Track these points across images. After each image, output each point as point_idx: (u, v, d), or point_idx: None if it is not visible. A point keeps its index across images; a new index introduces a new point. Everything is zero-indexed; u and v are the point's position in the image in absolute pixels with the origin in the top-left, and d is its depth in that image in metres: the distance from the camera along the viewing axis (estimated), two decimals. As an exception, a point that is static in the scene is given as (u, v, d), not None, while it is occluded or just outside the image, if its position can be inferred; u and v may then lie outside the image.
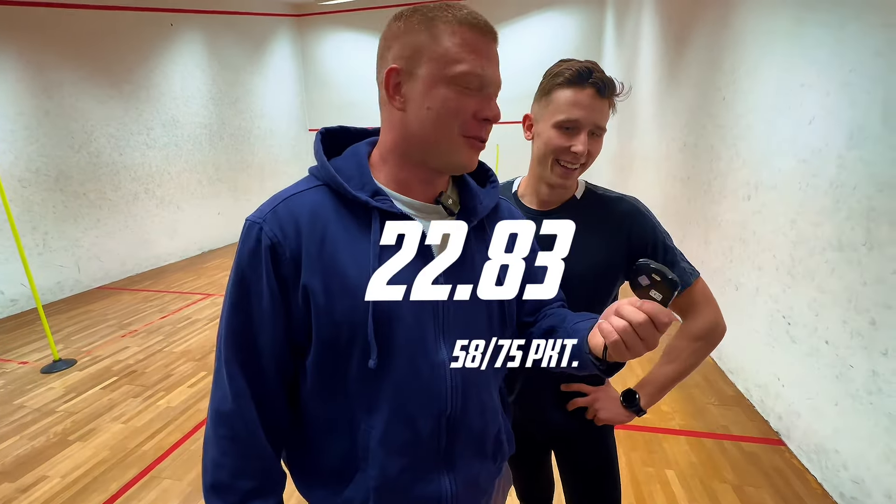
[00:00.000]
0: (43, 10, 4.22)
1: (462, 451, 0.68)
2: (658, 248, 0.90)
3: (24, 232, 4.07)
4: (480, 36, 0.59)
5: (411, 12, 0.60)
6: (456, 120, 0.60)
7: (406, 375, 0.63)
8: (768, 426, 2.18)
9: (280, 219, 0.61)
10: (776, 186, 2.14)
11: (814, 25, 1.89)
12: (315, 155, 0.67)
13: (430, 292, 0.61)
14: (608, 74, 0.84)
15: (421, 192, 0.66)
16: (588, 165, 0.89)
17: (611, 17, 5.93)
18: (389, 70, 0.59)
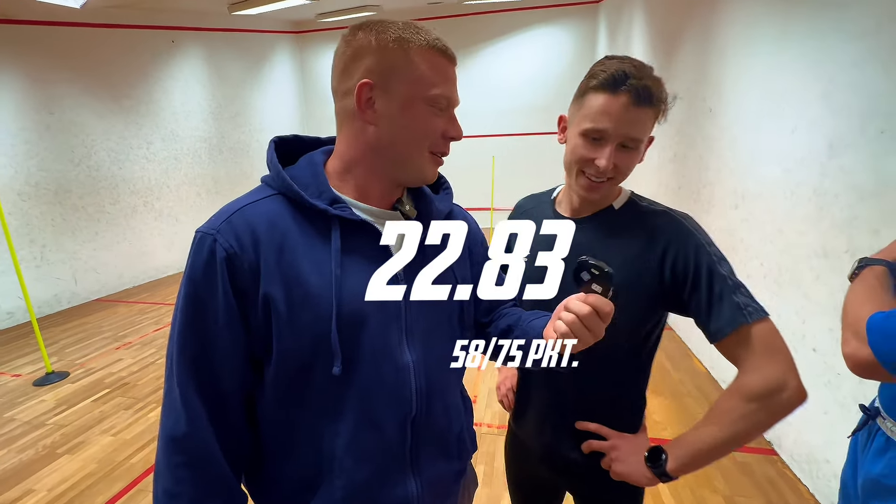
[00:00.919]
0: (46, 28, 4.32)
1: (428, 452, 0.69)
2: (701, 274, 0.72)
3: (22, 245, 4.10)
4: (448, 61, 0.64)
5: (383, 28, 0.61)
6: (428, 138, 0.64)
7: (372, 380, 0.63)
8: (764, 439, 2.16)
9: (235, 229, 0.59)
10: (762, 195, 2.16)
11: (794, 37, 1.93)
12: (268, 164, 0.66)
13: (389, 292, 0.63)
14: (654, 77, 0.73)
15: (379, 200, 0.68)
16: (619, 180, 0.79)
17: (603, 32, 6.03)
18: (362, 85, 0.60)
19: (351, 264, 0.62)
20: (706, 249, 0.75)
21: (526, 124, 7.00)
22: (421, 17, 6.85)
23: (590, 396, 0.85)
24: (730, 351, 0.72)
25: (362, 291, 0.62)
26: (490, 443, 2.22)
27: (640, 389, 0.88)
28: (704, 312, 0.72)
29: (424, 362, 0.68)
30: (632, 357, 0.83)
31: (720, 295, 0.71)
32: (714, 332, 0.71)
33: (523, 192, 1.03)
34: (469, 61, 6.98)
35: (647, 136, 0.76)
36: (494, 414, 2.45)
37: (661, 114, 0.76)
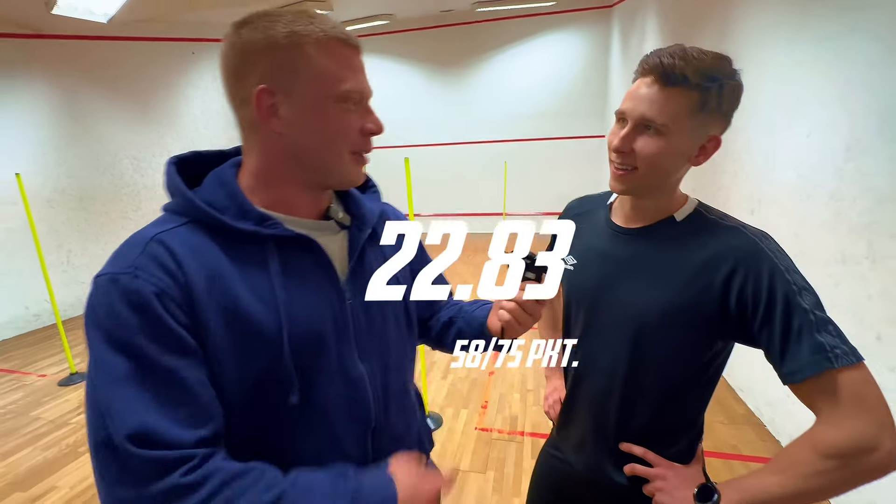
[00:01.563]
0: (75, 42, 4.51)
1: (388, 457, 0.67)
2: (775, 305, 0.61)
3: (49, 250, 4.26)
4: (352, 50, 0.58)
5: (270, 23, 0.54)
6: (345, 139, 0.58)
7: (329, 399, 0.60)
8: (780, 446, 2.10)
9: (157, 259, 0.51)
10: (778, 200, 2.13)
11: (810, 39, 1.90)
12: (170, 189, 0.58)
13: (337, 307, 0.61)
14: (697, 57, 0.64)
15: (307, 211, 0.63)
16: (646, 172, 0.69)
17: (616, 36, 6.01)
18: (260, 91, 0.54)
19: (294, 285, 0.57)
20: (785, 276, 0.63)
21: (538, 129, 6.99)
22: (434, 24, 6.93)
23: (638, 419, 0.78)
24: (807, 396, 0.62)
25: (312, 312, 0.58)
26: (500, 449, 2.21)
27: (697, 417, 0.79)
28: (778, 350, 0.62)
29: (379, 370, 0.66)
30: (689, 384, 0.75)
31: (799, 332, 0.60)
32: (789, 374, 0.61)
33: (536, 198, 1.04)
34: (481, 67, 7.02)
35: (672, 118, 0.65)
36: (505, 420, 2.44)
37: (708, 98, 0.64)
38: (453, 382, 2.87)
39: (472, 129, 7.27)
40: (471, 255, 5.98)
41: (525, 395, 2.68)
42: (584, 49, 6.65)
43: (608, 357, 0.79)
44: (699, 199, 0.78)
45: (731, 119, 0.70)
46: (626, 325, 0.75)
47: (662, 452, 0.78)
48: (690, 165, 0.72)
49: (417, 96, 7.34)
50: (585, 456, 0.87)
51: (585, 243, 0.85)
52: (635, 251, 0.76)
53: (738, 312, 0.66)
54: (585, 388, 0.85)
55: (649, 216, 0.76)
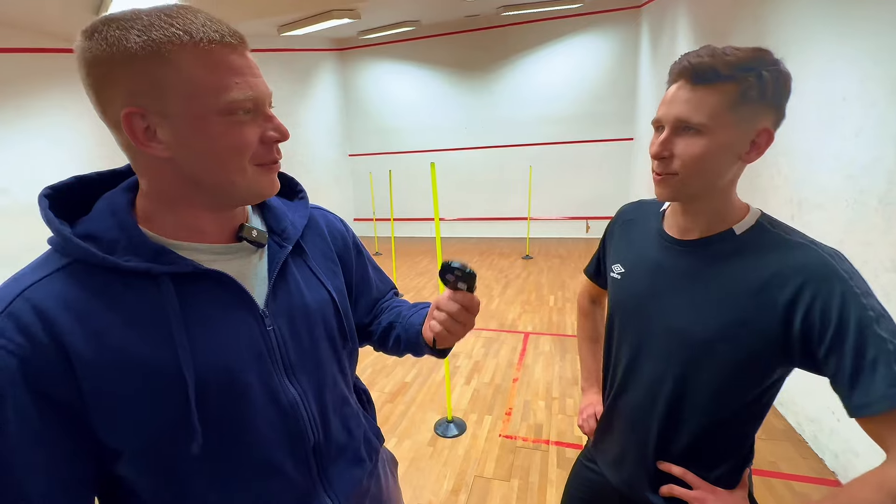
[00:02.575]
0: (119, 56, 4.78)
1: (337, 468, 0.66)
2: (847, 330, 0.57)
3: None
4: (230, 50, 0.48)
5: (121, 31, 0.45)
6: (243, 154, 0.51)
7: (261, 430, 0.56)
8: (823, 465, 1.98)
9: (19, 322, 0.45)
10: (822, 205, 2.02)
11: (855, 33, 1.80)
12: (48, 225, 0.49)
13: (257, 340, 0.56)
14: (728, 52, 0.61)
15: (217, 234, 0.56)
16: (688, 176, 0.65)
17: (646, 35, 5.88)
18: (127, 115, 0.46)
19: (199, 321, 0.52)
20: (860, 300, 0.57)
21: (565, 133, 6.91)
22: (459, 29, 6.97)
23: (681, 438, 0.75)
24: (878, 432, 0.57)
25: (224, 348, 0.53)
26: (525, 457, 2.18)
27: (745, 441, 0.74)
28: (847, 379, 0.57)
29: (312, 389, 0.62)
30: (740, 409, 0.70)
31: (874, 361, 0.55)
32: (859, 407, 0.57)
33: (561, 201, 1.01)
34: (507, 71, 7.00)
35: (710, 115, 0.62)
36: (530, 428, 2.41)
37: (748, 88, 0.60)
38: (477, 388, 2.85)
39: (498, 134, 7.25)
40: (495, 260, 5.97)
41: (550, 403, 2.63)
42: (612, 50, 6.53)
43: (654, 373, 0.76)
44: (762, 211, 0.72)
45: (784, 110, 0.65)
46: (676, 343, 0.72)
47: (704, 474, 0.74)
48: (742, 164, 0.67)
49: (443, 101, 7.39)
50: (622, 472, 0.84)
51: (636, 252, 0.81)
52: (689, 265, 0.72)
53: (803, 336, 0.61)
54: (627, 402, 0.82)
55: (705, 227, 0.71)
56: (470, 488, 1.99)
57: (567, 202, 6.98)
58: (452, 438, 2.34)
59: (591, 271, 1.02)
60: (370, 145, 7.91)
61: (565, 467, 2.06)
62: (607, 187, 6.62)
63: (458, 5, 5.84)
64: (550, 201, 6.97)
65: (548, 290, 4.71)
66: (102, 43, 0.45)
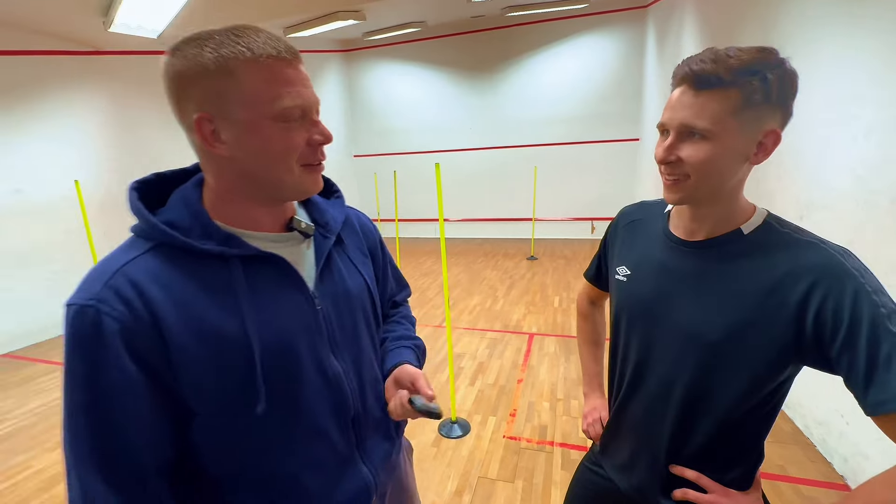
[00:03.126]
0: (128, 57, 4.82)
1: (372, 440, 0.75)
2: (860, 328, 0.56)
3: (101, 251, 4.53)
4: (285, 64, 0.56)
5: (197, 49, 0.53)
6: (290, 155, 0.58)
7: (311, 396, 0.64)
8: (832, 469, 1.96)
9: (120, 293, 0.53)
10: (830, 205, 1.99)
11: (864, 33, 1.78)
12: (134, 213, 0.59)
13: (308, 316, 0.64)
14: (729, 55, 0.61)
15: (271, 224, 0.65)
16: (698, 179, 0.65)
17: (651, 36, 5.85)
18: (198, 119, 0.55)
19: (262, 298, 0.60)
20: (871, 297, 0.57)
21: (570, 133, 6.89)
22: (464, 30, 6.97)
23: (693, 442, 0.74)
24: (895, 430, 0.56)
25: (281, 322, 0.61)
26: (529, 458, 2.17)
27: (757, 443, 0.74)
28: (862, 378, 0.57)
29: (353, 365, 0.71)
30: (753, 409, 0.70)
31: (888, 358, 0.55)
32: (875, 405, 0.56)
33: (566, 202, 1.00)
34: (513, 72, 7.00)
35: (714, 121, 0.61)
36: (534, 429, 2.40)
37: (751, 92, 0.60)
38: (481, 389, 2.85)
39: (503, 134, 7.25)
40: (500, 260, 5.97)
41: (555, 405, 2.62)
42: (618, 51, 6.51)
43: (663, 376, 0.75)
44: (769, 210, 0.71)
45: (792, 108, 0.64)
46: (685, 346, 0.71)
47: (718, 477, 0.73)
48: (750, 166, 0.67)
49: (448, 102, 7.40)
50: (632, 478, 0.83)
51: (641, 254, 0.80)
52: (697, 266, 0.71)
53: (815, 335, 0.60)
54: (636, 406, 0.81)
55: (712, 227, 0.70)
56: (474, 489, 1.98)
57: (572, 203, 6.96)
58: (456, 439, 2.34)
59: (592, 274, 1.01)
60: (375, 146, 7.93)
61: (570, 469, 2.05)
62: (612, 188, 6.59)
63: (463, 6, 5.84)
64: (555, 202, 6.95)
65: (552, 290, 4.69)
66: (182, 59, 0.54)
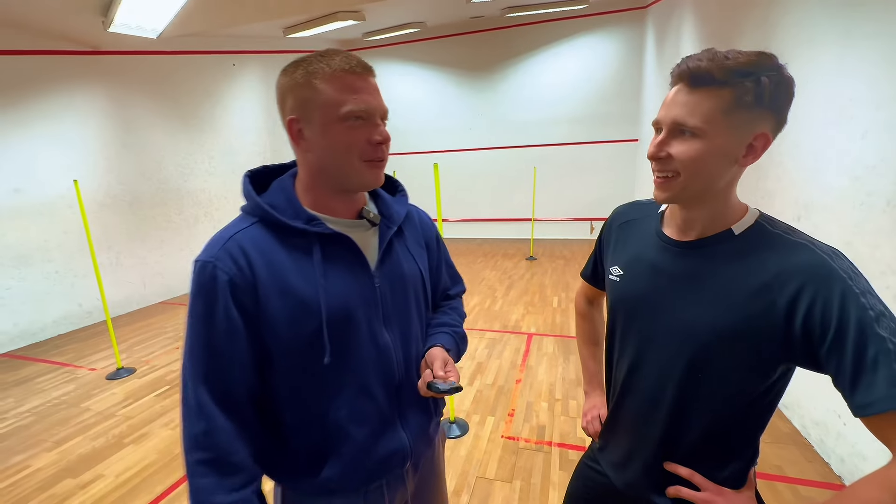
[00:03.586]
0: (127, 57, 4.82)
1: (412, 410, 0.85)
2: (847, 330, 0.57)
3: (100, 251, 4.54)
4: (355, 76, 0.70)
5: (294, 68, 0.71)
6: (353, 151, 0.71)
7: (362, 359, 0.76)
8: (829, 469, 1.96)
9: (231, 255, 0.69)
10: (829, 206, 2.00)
11: (861, 36, 1.79)
12: (245, 195, 0.76)
13: (367, 290, 0.77)
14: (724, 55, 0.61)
15: (344, 211, 0.78)
16: (688, 178, 0.65)
17: (651, 37, 5.86)
18: (290, 121, 0.71)
19: (332, 271, 0.73)
20: (859, 300, 0.57)
21: (570, 134, 6.90)
22: (464, 31, 6.98)
23: (687, 439, 0.75)
24: (881, 431, 0.57)
25: (345, 293, 0.74)
26: (527, 458, 2.17)
27: (752, 441, 0.75)
28: (849, 379, 0.57)
29: (401, 340, 0.82)
30: (745, 408, 0.71)
31: (874, 360, 0.55)
32: (861, 406, 0.57)
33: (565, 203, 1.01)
34: (512, 72, 7.01)
35: (705, 119, 0.62)
36: (532, 429, 2.40)
37: (743, 93, 0.60)
38: (480, 389, 2.85)
39: (502, 134, 7.25)
40: (499, 261, 5.95)
41: (553, 405, 2.63)
42: (617, 51, 6.52)
43: (657, 376, 0.76)
44: (761, 211, 0.72)
45: (785, 115, 0.64)
46: (678, 345, 0.72)
47: (711, 475, 0.73)
48: (740, 168, 0.67)
49: (448, 102, 7.40)
50: (626, 474, 0.83)
51: (634, 253, 0.81)
52: (689, 266, 0.72)
53: (804, 336, 0.61)
54: (631, 403, 0.82)
55: (704, 228, 0.71)
56: (472, 489, 1.98)
57: (571, 203, 6.97)
58: (455, 439, 2.34)
59: (588, 273, 1.02)
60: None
61: (568, 469, 2.06)
62: (612, 188, 6.60)
63: (462, 7, 5.84)
64: (554, 202, 6.96)
65: (551, 291, 4.70)
66: (284, 76, 0.72)
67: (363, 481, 0.80)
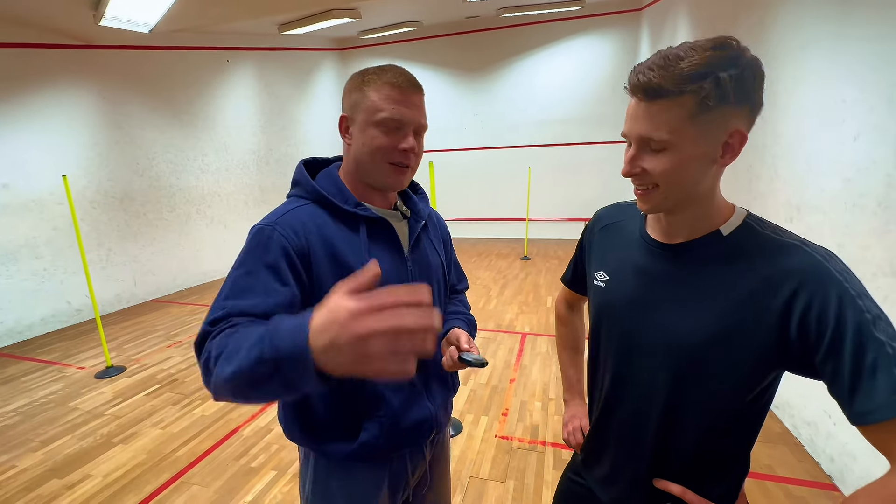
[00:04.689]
0: (118, 52, 4.76)
1: (435, 383, 0.94)
2: (845, 334, 0.55)
3: (90, 248, 4.48)
4: (399, 90, 0.80)
5: (358, 75, 0.82)
6: (381, 152, 0.80)
7: None
8: (819, 469, 1.98)
9: (290, 225, 0.77)
10: (820, 207, 2.02)
11: (853, 40, 1.81)
12: (301, 180, 0.86)
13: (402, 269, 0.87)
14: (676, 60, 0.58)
15: (381, 202, 0.89)
16: (667, 189, 0.64)
17: (646, 39, 5.89)
18: (342, 118, 0.84)
19: (376, 249, 0.83)
20: (856, 302, 0.56)
21: (564, 135, 6.91)
22: (459, 30, 6.97)
23: (678, 454, 0.72)
24: (880, 440, 0.55)
25: (386, 268, 0.79)
26: (521, 458, 2.17)
27: (743, 449, 0.72)
28: (847, 385, 0.55)
29: None
30: (737, 417, 0.69)
31: (873, 366, 0.53)
32: (860, 414, 0.55)
33: (561, 203, 1.01)
34: (507, 72, 7.01)
35: (670, 131, 0.60)
36: (526, 429, 2.40)
37: (705, 97, 0.57)
38: (474, 388, 2.85)
39: (497, 135, 7.25)
40: (493, 260, 5.96)
41: (547, 404, 2.63)
42: (613, 53, 6.55)
43: (645, 384, 0.73)
44: (748, 210, 0.70)
45: (759, 99, 0.61)
46: (667, 351, 0.69)
47: (704, 492, 0.71)
48: (720, 168, 0.64)
49: (443, 102, 7.39)
50: (613, 491, 0.81)
51: (619, 257, 0.79)
52: (676, 269, 0.69)
53: (799, 341, 0.59)
54: (617, 416, 0.79)
55: (690, 230, 0.68)
56: (465, 489, 1.98)
57: (566, 204, 6.99)
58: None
59: (569, 278, 0.99)
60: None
61: (561, 469, 2.05)
62: (605, 189, 6.63)
63: (458, 6, 5.84)
64: (549, 203, 6.98)
65: (545, 291, 4.70)
66: (350, 81, 0.83)
67: (395, 446, 0.87)
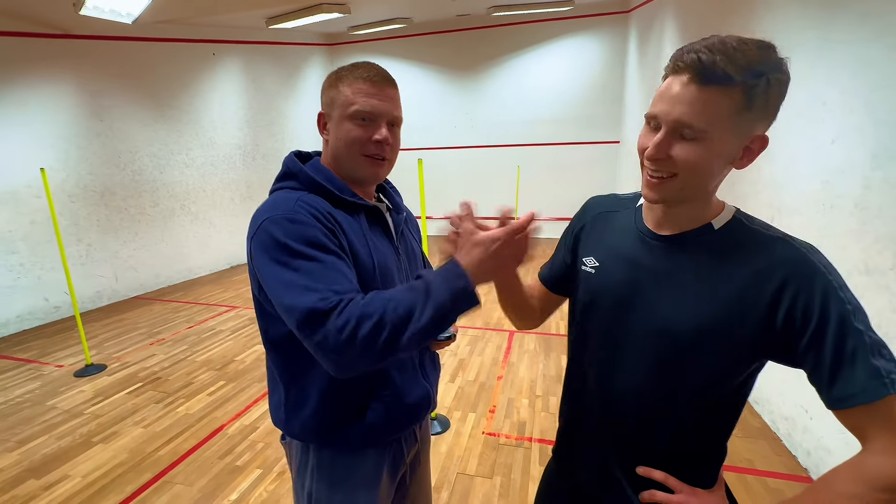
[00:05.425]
0: (100, 42, 4.63)
1: (428, 364, 1.01)
2: (828, 325, 0.58)
3: (69, 243, 4.36)
4: (371, 83, 0.83)
5: (333, 73, 0.86)
6: (356, 144, 0.84)
7: None
8: (796, 462, 2.04)
9: (308, 208, 0.78)
10: (798, 209, 2.07)
11: (835, 45, 1.85)
12: (296, 171, 0.87)
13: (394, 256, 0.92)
14: (737, 49, 0.56)
15: (363, 195, 0.91)
16: (685, 180, 0.63)
17: (633, 40, 5.96)
18: (319, 114, 0.88)
19: (373, 236, 0.88)
20: (839, 294, 0.58)
21: (553, 134, 6.96)
22: (449, 28, 6.96)
23: (661, 441, 0.74)
24: (856, 424, 0.58)
25: (385, 254, 0.88)
26: (507, 454, 2.19)
27: (722, 438, 0.74)
28: (827, 373, 0.58)
29: None
30: (721, 405, 0.71)
31: (853, 354, 0.56)
32: (839, 399, 0.57)
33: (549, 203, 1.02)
34: (497, 72, 7.02)
35: (712, 122, 0.58)
36: (513, 425, 2.42)
37: (754, 95, 0.57)
38: (461, 386, 2.86)
39: (486, 133, 7.26)
40: (482, 259, 5.82)
41: (534, 401, 2.65)
42: (601, 54, 6.60)
43: (631, 372, 0.74)
44: (737, 207, 0.72)
45: (777, 115, 0.63)
46: (654, 340, 0.70)
47: (685, 478, 0.73)
48: (732, 168, 0.66)
49: (432, 99, 7.37)
50: (597, 478, 0.81)
51: (609, 245, 0.79)
52: (668, 260, 0.71)
53: (785, 329, 0.61)
54: (599, 403, 0.79)
55: (684, 222, 0.70)
56: (452, 485, 1.99)
57: (554, 203, 7.04)
58: (436, 435, 2.34)
59: (546, 273, 0.97)
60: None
61: (548, 464, 2.08)
62: (594, 189, 6.61)
63: (448, 4, 5.82)
64: (538, 202, 7.01)
65: (534, 289, 4.73)
66: (326, 80, 0.88)
67: (398, 426, 0.91)
